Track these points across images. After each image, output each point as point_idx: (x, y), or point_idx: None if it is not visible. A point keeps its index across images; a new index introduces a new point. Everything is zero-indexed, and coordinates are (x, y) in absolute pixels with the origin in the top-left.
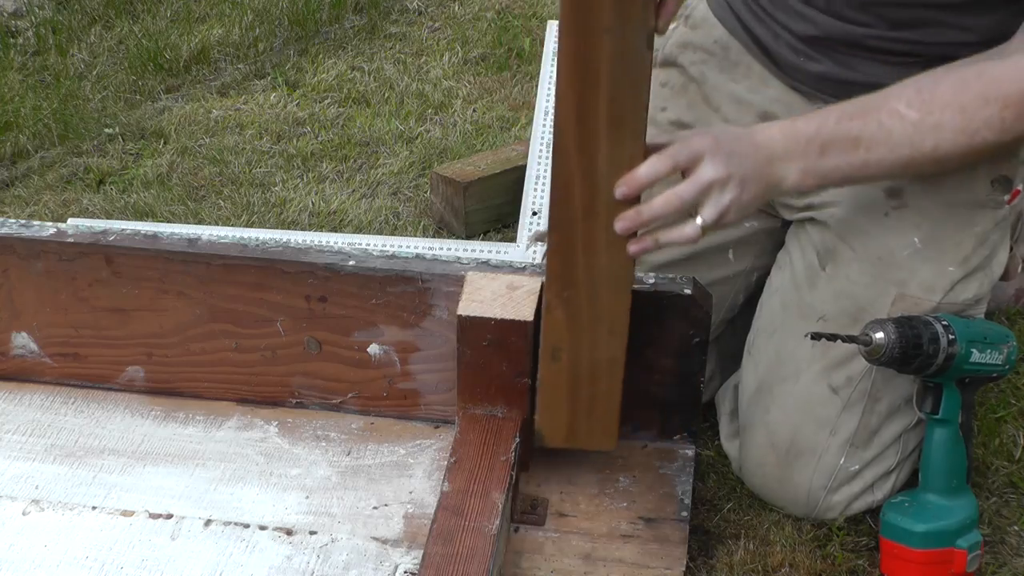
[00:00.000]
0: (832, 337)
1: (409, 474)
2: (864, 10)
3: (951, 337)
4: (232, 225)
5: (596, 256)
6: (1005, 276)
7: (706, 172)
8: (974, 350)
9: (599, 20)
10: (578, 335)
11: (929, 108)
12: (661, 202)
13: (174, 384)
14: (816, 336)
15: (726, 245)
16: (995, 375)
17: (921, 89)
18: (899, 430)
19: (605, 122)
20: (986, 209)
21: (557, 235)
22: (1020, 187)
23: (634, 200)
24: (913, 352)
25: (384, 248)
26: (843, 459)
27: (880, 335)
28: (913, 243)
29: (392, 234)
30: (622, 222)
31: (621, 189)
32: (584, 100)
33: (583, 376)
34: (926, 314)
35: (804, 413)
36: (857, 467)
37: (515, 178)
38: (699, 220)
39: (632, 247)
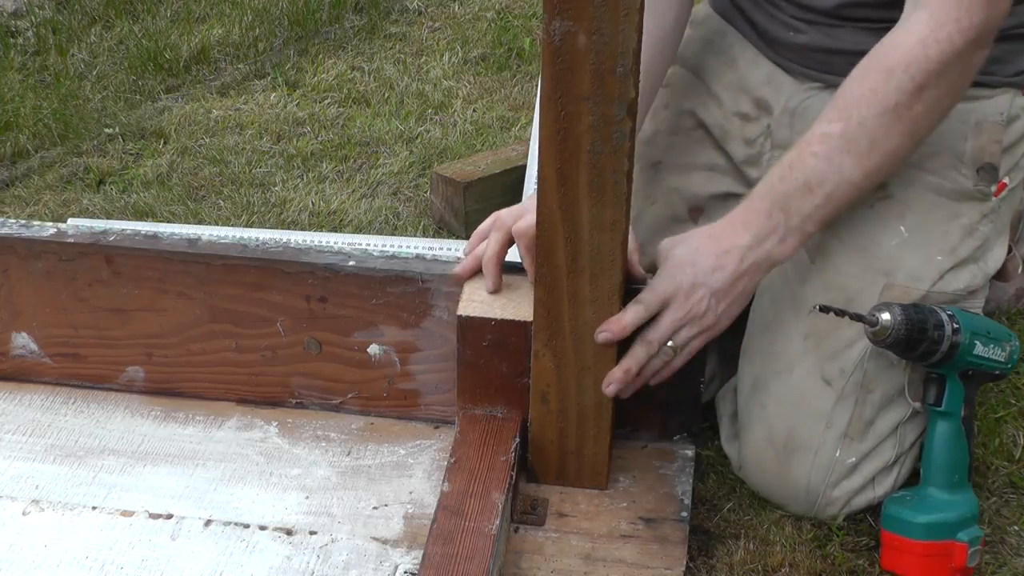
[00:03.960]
0: (840, 312)
1: (409, 474)
2: None
3: (955, 326)
4: (232, 225)
5: (582, 309)
6: (1004, 276)
7: (668, 317)
8: (978, 342)
9: (578, 88)
10: (565, 381)
11: (847, 112)
12: (642, 353)
13: (174, 384)
14: (824, 309)
15: None
16: (997, 372)
17: (835, 100)
18: (895, 421)
19: (586, 188)
20: (972, 201)
21: (543, 290)
22: (1006, 180)
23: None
24: (918, 336)
25: (384, 248)
26: (839, 452)
27: (887, 316)
28: (900, 232)
29: (392, 234)
30: (612, 385)
31: (604, 335)
32: (565, 165)
33: (571, 419)
34: (931, 304)
35: (799, 407)
36: (854, 460)
37: (515, 178)
38: (670, 343)
39: (621, 393)
